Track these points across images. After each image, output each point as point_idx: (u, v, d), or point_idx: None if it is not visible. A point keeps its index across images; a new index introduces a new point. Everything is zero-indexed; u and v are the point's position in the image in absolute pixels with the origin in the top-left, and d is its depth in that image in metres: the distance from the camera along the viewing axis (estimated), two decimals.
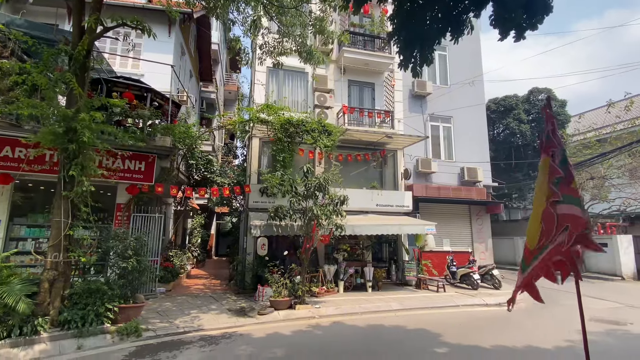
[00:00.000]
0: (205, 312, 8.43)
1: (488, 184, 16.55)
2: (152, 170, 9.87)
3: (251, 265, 11.61)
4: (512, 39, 4.05)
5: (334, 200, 9.89)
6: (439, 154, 16.16)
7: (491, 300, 10.47)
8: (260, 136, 12.84)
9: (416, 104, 15.92)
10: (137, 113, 9.88)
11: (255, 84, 13.36)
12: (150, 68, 12.27)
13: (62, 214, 6.60)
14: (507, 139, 23.92)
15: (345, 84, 14.57)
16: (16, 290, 5.70)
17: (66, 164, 6.63)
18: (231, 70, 28.81)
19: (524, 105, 23.78)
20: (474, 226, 16.06)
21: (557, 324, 8.05)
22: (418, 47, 4.61)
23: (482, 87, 17.15)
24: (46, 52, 6.82)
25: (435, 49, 4.74)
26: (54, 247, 6.54)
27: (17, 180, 8.53)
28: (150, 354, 5.77)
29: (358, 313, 8.89)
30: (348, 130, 12.56)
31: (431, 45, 4.59)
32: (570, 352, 6.01)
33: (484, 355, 5.91)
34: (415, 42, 4.57)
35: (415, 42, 4.57)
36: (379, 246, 14.24)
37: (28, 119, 7.89)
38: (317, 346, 6.45)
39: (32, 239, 8.92)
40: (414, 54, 4.67)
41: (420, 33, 4.48)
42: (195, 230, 18.55)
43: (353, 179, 13.44)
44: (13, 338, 5.69)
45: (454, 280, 13.04)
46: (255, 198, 11.99)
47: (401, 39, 4.62)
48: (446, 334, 7.06)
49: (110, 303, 6.70)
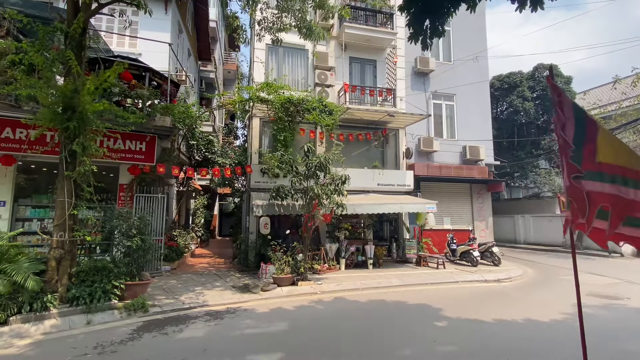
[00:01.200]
0: (209, 289, 8.63)
1: (490, 163, 16.52)
2: (153, 150, 9.87)
3: (254, 244, 11.79)
4: (529, 9, 3.94)
5: (335, 179, 9.91)
6: (441, 132, 16.04)
7: (490, 277, 10.65)
8: (260, 116, 12.75)
9: (419, 81, 15.68)
10: (136, 93, 9.79)
11: (255, 62, 13.14)
12: (148, 47, 12.05)
13: (65, 194, 6.67)
14: (511, 117, 23.65)
15: (346, 61, 14.30)
16: (24, 268, 5.84)
17: (67, 143, 6.64)
18: (230, 49, 28.28)
19: (528, 82, 23.38)
20: (474, 204, 16.14)
21: (555, 298, 8.21)
22: (429, 18, 4.48)
23: (486, 63, 16.83)
24: (42, 31, 6.70)
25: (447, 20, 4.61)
26: (59, 226, 6.64)
27: (20, 162, 8.57)
28: (157, 328, 5.96)
29: (359, 289, 9.08)
30: (349, 109, 12.44)
31: (443, 16, 4.46)
32: (564, 325, 6.16)
33: (483, 328, 6.06)
34: (427, 13, 4.44)
35: (427, 13, 4.44)
36: (380, 225, 14.37)
37: (27, 100, 7.84)
38: (320, 320, 6.63)
39: (37, 220, 9.04)
40: (425, 26, 4.54)
41: (432, 3, 4.34)
42: (199, 210, 18.73)
43: (354, 159, 13.42)
44: (24, 314, 5.87)
45: (454, 258, 13.22)
46: (257, 178, 12.03)
47: (412, 10, 4.48)
48: (446, 308, 7.22)
49: (117, 280, 6.85)
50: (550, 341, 5.41)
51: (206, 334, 5.72)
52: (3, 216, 8.45)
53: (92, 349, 5.01)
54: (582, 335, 3.02)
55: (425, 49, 4.83)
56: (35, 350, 5.05)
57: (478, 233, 15.41)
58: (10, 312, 5.73)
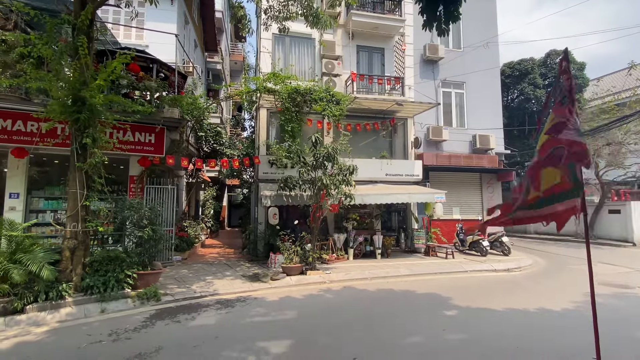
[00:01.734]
0: (220, 278, 8.75)
1: (500, 152, 16.28)
2: (162, 142, 9.94)
3: (263, 234, 11.88)
4: None
5: (342, 170, 9.88)
6: (451, 121, 15.82)
7: (500, 266, 10.58)
8: (267, 107, 12.71)
9: (427, 69, 15.43)
10: (144, 85, 9.83)
11: (261, 52, 13.05)
12: (155, 39, 12.05)
13: (77, 186, 6.77)
14: (522, 105, 23.22)
15: (353, 49, 14.11)
16: (39, 258, 5.97)
17: (77, 135, 6.71)
18: (236, 40, 28.13)
19: (540, 69, 22.88)
20: (484, 194, 15.97)
21: (566, 287, 8.13)
22: (442, 4, 4.37)
23: (496, 50, 16.46)
24: (49, 23, 6.72)
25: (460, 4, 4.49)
26: (72, 217, 6.76)
27: (32, 155, 8.71)
28: (170, 316, 6.07)
29: (368, 278, 9.11)
30: (357, 99, 12.31)
31: (456, 2, 4.36)
32: (576, 314, 6.12)
33: (493, 317, 6.05)
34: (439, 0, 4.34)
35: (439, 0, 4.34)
36: (388, 215, 14.34)
37: (37, 93, 7.93)
38: (328, 308, 6.69)
39: (50, 211, 9.21)
40: (439, 12, 4.44)
41: None
42: (208, 202, 18.90)
43: (362, 149, 13.34)
44: (40, 302, 6.02)
45: (463, 248, 13.16)
46: (265, 169, 12.05)
47: None
48: (455, 297, 7.21)
49: (130, 270, 6.98)
50: (562, 329, 5.38)
51: (218, 321, 5.82)
52: (17, 208, 8.62)
53: (106, 336, 5.14)
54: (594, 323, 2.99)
55: (442, 34, 4.72)
56: (51, 337, 5.20)
57: None
58: (27, 301, 5.89)
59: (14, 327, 5.47)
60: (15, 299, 5.77)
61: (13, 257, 5.91)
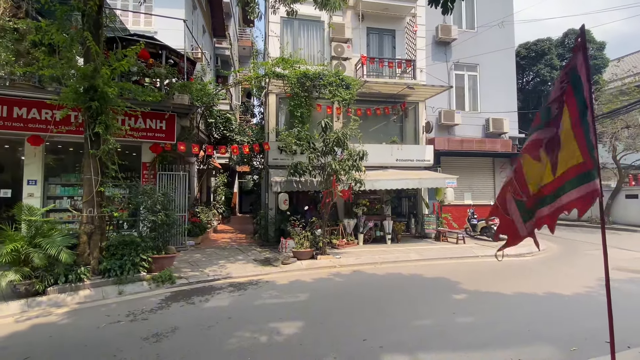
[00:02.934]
0: (232, 262, 8.91)
1: (514, 136, 15.93)
2: (173, 129, 10.02)
3: (274, 220, 12.00)
4: None
5: (352, 155, 9.82)
6: (463, 105, 15.50)
7: (511, 251, 10.45)
8: (276, 92, 12.63)
9: (440, 51, 15.04)
10: (153, 71, 9.87)
11: (270, 36, 12.90)
12: (163, 25, 12.00)
13: (92, 172, 6.90)
14: (537, 87, 22.54)
15: (363, 31, 13.82)
16: (58, 242, 6.15)
17: (90, 122, 6.81)
18: (244, 25, 27.82)
19: (557, 50, 22.06)
20: (497, 179, 15.74)
21: (579, 272, 8.04)
22: None
23: (512, 29, 15.91)
24: (59, 10, 6.75)
25: None
26: (88, 202, 6.92)
27: (47, 142, 8.89)
28: (185, 298, 6.24)
29: (377, 263, 9.16)
30: (367, 83, 12.13)
31: None
32: (587, 298, 6.06)
33: (502, 300, 6.04)
34: None
35: None
36: (398, 201, 14.28)
37: (50, 80, 8.04)
38: (338, 291, 6.77)
39: (67, 197, 9.46)
40: None
41: None
42: (219, 188, 19.11)
43: (372, 134, 13.21)
44: (60, 285, 6.24)
45: (474, 233, 13.08)
46: (275, 155, 12.07)
47: None
48: (465, 282, 7.21)
49: (145, 254, 7.17)
50: (573, 313, 5.35)
51: (231, 303, 5.96)
52: (35, 194, 8.87)
53: (124, 316, 5.32)
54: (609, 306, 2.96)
55: (446, 12, 4.59)
56: (72, 317, 5.41)
57: None
58: (47, 283, 6.11)
59: (35, 308, 5.70)
60: (37, 281, 5.99)
61: (33, 241, 6.10)
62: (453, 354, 3.99)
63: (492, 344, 4.26)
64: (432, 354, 3.97)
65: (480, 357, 3.92)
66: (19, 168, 9.10)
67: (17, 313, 5.50)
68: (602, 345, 3.72)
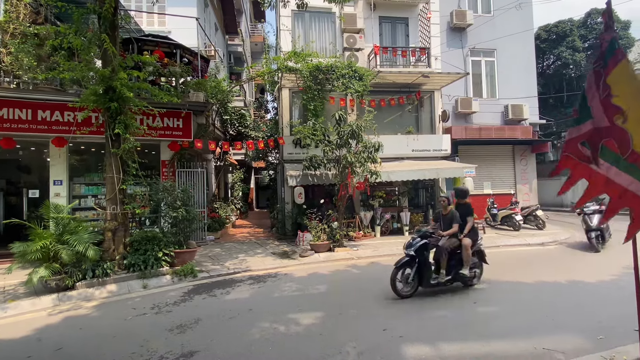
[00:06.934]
0: (251, 256, 9.05)
1: (534, 122, 15.43)
2: (189, 126, 10.19)
3: (290, 214, 12.08)
4: None
5: (367, 147, 9.75)
6: (481, 92, 15.09)
7: (533, 240, 10.25)
8: (289, 86, 12.63)
9: (455, 37, 14.65)
10: (169, 71, 10.03)
11: (281, 30, 12.87)
12: (176, 24, 12.17)
13: (113, 170, 7.12)
14: (559, 71, 21.71)
15: (375, 21, 13.61)
16: (84, 239, 6.38)
17: (110, 122, 7.01)
18: (255, 20, 27.86)
19: (579, 31, 21.12)
20: (517, 167, 15.33)
21: (604, 260, 7.79)
22: None
23: (530, 11, 15.32)
24: (76, 13, 6.93)
25: None
26: (111, 200, 7.16)
27: (71, 144, 9.20)
28: (206, 290, 6.39)
29: (395, 254, 9.05)
30: (380, 73, 11.95)
31: None
32: (613, 286, 5.88)
33: (524, 290, 5.93)
34: None
35: None
36: (415, 192, 14.11)
37: (71, 83, 8.30)
38: (356, 283, 6.79)
39: (91, 196, 9.80)
40: None
41: None
42: (236, 184, 19.38)
43: (387, 125, 13.05)
44: (88, 280, 6.50)
45: (495, 223, 12.81)
46: (290, 150, 12.11)
47: None
48: (485, 272, 7.05)
49: (167, 248, 7.37)
50: (598, 301, 5.19)
51: (251, 295, 6.07)
52: (61, 194, 9.21)
53: (149, 309, 5.50)
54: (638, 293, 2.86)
55: None
56: (101, 310, 5.63)
57: (521, 197, 14.73)
58: (76, 278, 6.36)
59: (66, 302, 5.96)
60: (66, 276, 6.25)
61: (61, 238, 6.36)
62: (474, 343, 3.95)
63: (514, 333, 4.19)
64: (453, 344, 3.94)
65: (502, 347, 3.86)
66: (45, 169, 9.47)
67: (49, 307, 5.76)
68: (631, 333, 3.60)
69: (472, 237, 5.85)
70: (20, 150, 10.24)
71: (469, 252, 5.69)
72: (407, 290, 5.53)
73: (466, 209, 6.03)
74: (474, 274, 6.01)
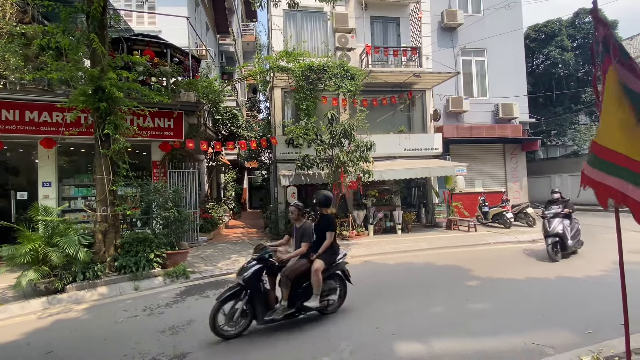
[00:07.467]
0: (244, 256, 8.99)
1: (525, 121, 15.66)
2: (180, 126, 10.12)
3: (283, 214, 12.07)
4: None
5: (360, 146, 9.79)
6: (471, 91, 15.26)
7: (524, 237, 10.39)
8: (282, 86, 12.62)
9: (446, 37, 14.78)
10: (159, 70, 9.94)
11: (273, 30, 12.85)
12: (166, 23, 12.07)
13: (103, 172, 7.04)
14: (548, 70, 21.97)
15: (367, 21, 13.66)
16: (74, 241, 6.31)
17: (100, 123, 6.92)
18: (247, 20, 27.76)
19: (568, 30, 21.39)
20: (508, 165, 15.53)
21: (593, 257, 7.91)
22: None
23: (519, 11, 15.54)
24: (64, 12, 6.83)
25: None
26: (101, 201, 7.07)
27: (60, 145, 9.06)
28: (199, 292, 6.36)
29: (388, 253, 9.16)
30: (372, 72, 12.02)
31: None
32: (601, 281, 5.99)
33: (515, 286, 6.00)
34: None
35: None
36: (408, 190, 14.21)
37: (59, 83, 8.18)
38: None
39: (81, 198, 9.67)
40: None
41: None
42: (229, 184, 19.30)
43: (380, 125, 13.12)
44: (78, 282, 6.42)
45: (486, 220, 12.96)
46: (282, 149, 12.10)
47: None
48: (477, 269, 7.17)
49: (159, 250, 7.31)
50: (587, 296, 5.29)
51: None
52: (50, 196, 9.09)
53: (141, 311, 5.45)
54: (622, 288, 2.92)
55: None
56: (91, 313, 5.56)
57: (512, 195, 14.92)
58: (66, 281, 6.28)
59: (56, 305, 5.88)
60: (56, 279, 6.16)
61: (50, 241, 6.27)
62: (466, 340, 4.00)
63: (505, 329, 4.24)
64: (445, 341, 3.98)
65: (493, 343, 3.92)
66: (34, 171, 9.32)
67: (38, 310, 5.68)
68: (618, 327, 3.67)
69: (328, 259, 4.72)
70: (7, 151, 10.07)
71: (319, 278, 4.54)
72: (231, 329, 4.26)
73: (326, 222, 4.86)
74: (327, 303, 4.83)
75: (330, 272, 4.81)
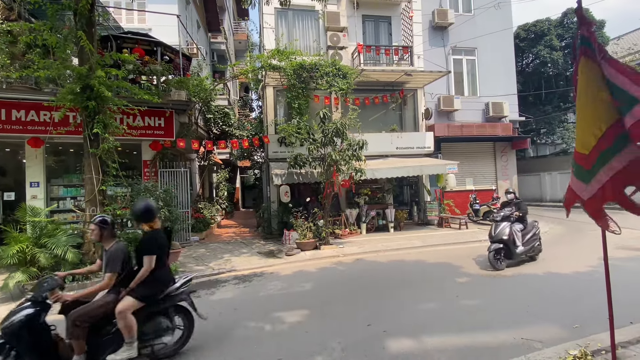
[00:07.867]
0: (237, 256, 8.99)
1: (515, 119, 15.85)
2: (171, 125, 10.03)
3: (276, 213, 12.05)
4: None
5: (352, 145, 9.81)
6: (462, 90, 15.38)
7: None
8: (274, 85, 12.58)
9: (437, 36, 14.88)
10: (149, 69, 9.83)
11: (264, 28, 12.80)
12: (157, 21, 11.92)
13: (92, 171, 6.93)
14: (537, 69, 22.29)
15: (359, 19, 13.68)
16: (63, 242, 6.24)
17: (89, 122, 6.82)
18: (239, 18, 27.59)
19: (556, 30, 21.73)
20: (498, 163, 15.70)
21: (581, 252, 8.06)
22: None
23: (509, 10, 15.71)
24: (50, 9, 6.72)
25: None
26: (91, 201, 6.97)
27: (48, 144, 8.93)
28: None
29: (380, 251, 9.21)
30: (364, 71, 12.04)
31: None
32: (588, 276, 6.09)
33: (505, 282, 6.08)
34: None
35: None
36: (400, 189, 14.29)
37: (46, 82, 8.04)
38: (341, 280, 6.82)
39: (70, 198, 9.53)
40: None
41: None
42: (221, 184, 19.19)
43: (372, 123, 13.16)
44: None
45: (477, 218, 13.10)
46: (275, 148, 12.07)
47: None
48: (468, 266, 7.25)
49: None
50: (575, 292, 5.38)
51: (236, 295, 6.03)
52: (38, 196, 8.94)
53: None
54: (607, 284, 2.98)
55: None
56: None
57: (502, 192, 15.08)
58: None
59: None
60: None
61: (38, 242, 6.18)
62: (457, 336, 4.04)
63: (495, 325, 4.30)
64: (436, 337, 4.02)
65: (483, 338, 3.97)
66: (21, 171, 9.15)
67: None
68: (605, 321, 3.74)
69: (147, 292, 3.54)
70: None
71: (127, 322, 3.35)
72: None
73: (146, 242, 3.67)
74: (151, 350, 3.62)
75: (159, 308, 3.69)
